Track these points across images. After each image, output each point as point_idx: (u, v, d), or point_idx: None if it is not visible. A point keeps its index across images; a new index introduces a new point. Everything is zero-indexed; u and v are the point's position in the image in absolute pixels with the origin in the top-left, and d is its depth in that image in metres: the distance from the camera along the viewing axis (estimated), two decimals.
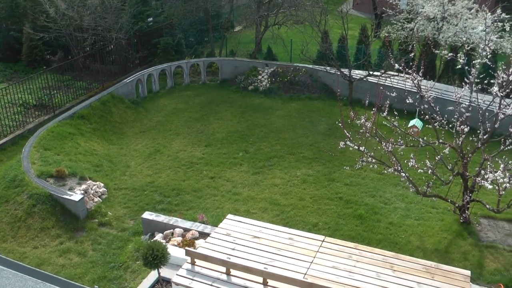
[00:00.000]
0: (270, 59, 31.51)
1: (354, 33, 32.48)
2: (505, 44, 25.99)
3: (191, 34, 34.93)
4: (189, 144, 22.56)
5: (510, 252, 16.06)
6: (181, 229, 15.40)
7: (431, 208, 18.21)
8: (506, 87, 15.88)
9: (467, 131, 16.09)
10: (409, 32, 28.44)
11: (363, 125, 16.14)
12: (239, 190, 18.92)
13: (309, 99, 27.66)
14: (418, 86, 16.74)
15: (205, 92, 28.85)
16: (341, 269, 11.77)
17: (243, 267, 11.28)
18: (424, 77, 17.31)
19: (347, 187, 19.23)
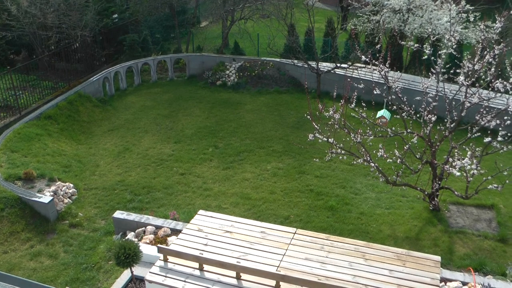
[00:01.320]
0: (237, 54, 31.53)
1: (320, 26, 32.70)
2: (470, 35, 26.39)
3: (157, 31, 34.71)
4: (159, 141, 22.48)
5: (478, 236, 16.39)
6: (153, 227, 15.36)
7: (401, 196, 18.47)
8: (471, 76, 16.15)
9: (434, 120, 16.35)
10: (375, 24, 28.69)
11: (331, 117, 16.28)
12: (210, 185, 18.93)
13: (278, 93, 27.76)
14: (385, 77, 16.93)
15: (173, 88, 28.74)
16: (314, 260, 11.83)
17: (216, 262, 11.28)
18: (391, 68, 17.51)
19: (318, 179, 19.37)
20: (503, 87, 15.71)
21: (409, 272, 11.62)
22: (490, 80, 16.00)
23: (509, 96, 16.11)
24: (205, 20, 40.71)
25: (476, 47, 17.90)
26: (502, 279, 13.81)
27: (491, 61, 16.03)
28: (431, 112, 16.43)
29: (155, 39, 33.93)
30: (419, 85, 20.24)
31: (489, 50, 16.22)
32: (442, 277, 13.27)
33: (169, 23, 35.02)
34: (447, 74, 17.30)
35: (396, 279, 11.35)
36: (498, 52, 15.96)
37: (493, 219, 17.47)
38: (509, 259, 15.21)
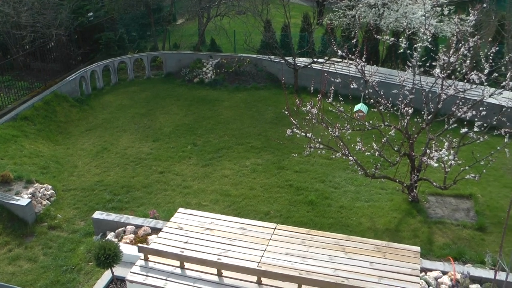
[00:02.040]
0: (214, 51, 31.48)
1: (296, 21, 32.70)
2: (445, 28, 26.64)
3: (133, 29, 34.52)
4: (137, 140, 22.37)
5: (457, 226, 16.61)
6: (133, 226, 15.32)
7: (380, 189, 18.60)
8: (447, 68, 16.34)
9: (411, 113, 16.52)
10: (351, 19, 28.80)
11: (309, 112, 16.34)
12: (189, 183, 18.90)
13: (255, 89, 27.78)
14: (362, 71, 17.03)
15: (150, 86, 28.61)
16: (295, 255, 11.89)
17: (197, 260, 11.29)
18: (367, 62, 17.59)
19: (297, 174, 19.43)
20: (478, 79, 15.90)
21: (390, 263, 11.74)
22: (466, 72, 16.19)
23: (484, 87, 16.30)
24: (181, 17, 40.59)
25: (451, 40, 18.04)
26: (481, 267, 14.01)
27: (466, 54, 16.21)
28: (408, 105, 16.58)
29: (131, 37, 33.76)
30: (395, 79, 20.39)
31: (463, 42, 16.40)
32: (422, 267, 13.43)
33: (145, 21, 34.82)
34: (423, 67, 17.44)
35: (377, 271, 11.46)
36: (473, 44, 16.13)
37: (471, 208, 17.69)
38: (488, 247, 15.42)
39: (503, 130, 16.01)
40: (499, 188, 19.02)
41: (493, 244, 15.58)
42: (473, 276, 13.42)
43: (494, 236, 16.12)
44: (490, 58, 15.94)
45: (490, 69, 15.93)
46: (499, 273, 12.34)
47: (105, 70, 29.05)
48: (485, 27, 27.96)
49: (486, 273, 13.58)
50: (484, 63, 16.04)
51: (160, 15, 35.73)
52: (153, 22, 33.65)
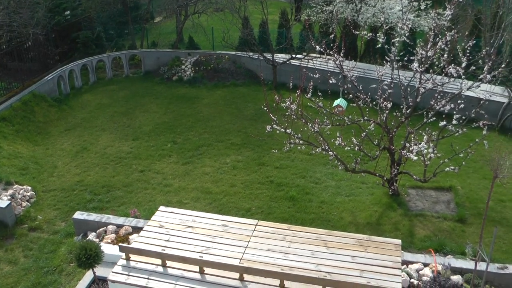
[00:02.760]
0: (192, 49, 31.45)
1: (274, 17, 32.75)
2: (422, 22, 26.88)
3: (110, 27, 34.34)
4: (116, 139, 22.25)
5: (438, 218, 16.78)
6: (114, 226, 15.22)
7: (360, 183, 18.70)
8: (425, 62, 16.45)
9: (390, 107, 16.63)
10: (329, 14, 28.90)
11: (288, 108, 16.36)
12: (170, 181, 18.84)
13: (234, 86, 27.77)
14: (340, 66, 17.08)
15: (129, 85, 28.48)
16: (276, 251, 11.90)
17: (179, 258, 11.25)
18: (346, 57, 17.65)
19: (278, 170, 19.46)
20: (456, 72, 16.02)
21: (371, 257, 11.80)
22: (443, 66, 16.33)
23: (462, 80, 16.44)
24: (159, 15, 40.47)
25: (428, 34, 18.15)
26: (462, 258, 14.15)
27: (443, 48, 16.34)
28: (387, 99, 16.67)
29: (109, 35, 33.55)
30: (374, 73, 20.48)
31: (441, 37, 16.55)
32: (403, 260, 13.52)
33: (123, 19, 34.63)
34: (401, 62, 17.54)
35: (359, 265, 11.51)
36: (450, 38, 16.26)
37: (451, 200, 17.87)
38: (468, 238, 15.59)
39: (482, 122, 16.14)
40: (479, 179, 19.23)
41: (474, 235, 15.76)
42: (454, 267, 13.55)
43: (474, 227, 16.30)
44: (467, 52, 16.07)
45: (467, 63, 16.06)
46: (480, 264, 12.46)
47: (84, 69, 28.84)
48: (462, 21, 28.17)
49: (466, 264, 13.71)
50: (462, 57, 16.18)
51: (137, 13, 35.59)
52: (130, 20, 33.47)
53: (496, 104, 23.47)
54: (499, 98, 23.84)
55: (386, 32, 21.64)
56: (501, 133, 22.44)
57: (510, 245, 15.70)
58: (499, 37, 23.39)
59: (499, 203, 17.84)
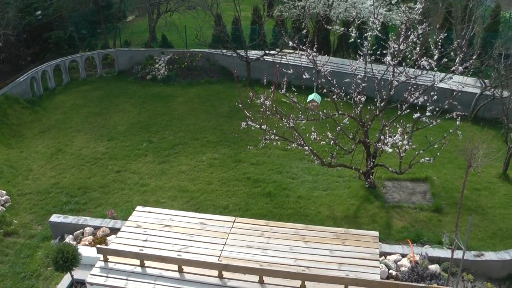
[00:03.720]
0: (165, 47, 31.34)
1: (247, 14, 32.74)
2: (394, 16, 27.12)
3: (83, 27, 34.00)
4: (92, 140, 22.08)
5: (414, 209, 16.95)
6: (91, 228, 15.11)
7: (337, 177, 18.79)
8: (397, 56, 16.60)
9: (364, 101, 16.74)
10: (301, 10, 28.94)
11: (263, 104, 16.38)
12: (147, 181, 18.76)
13: (209, 83, 27.75)
14: (313, 61, 17.14)
15: (103, 85, 28.26)
16: (255, 247, 11.94)
17: (157, 257, 11.23)
18: (319, 52, 17.73)
19: (254, 167, 19.48)
20: (429, 65, 16.22)
21: (349, 249, 11.91)
22: (416, 58, 16.48)
23: (435, 73, 16.61)
24: (131, 14, 40.24)
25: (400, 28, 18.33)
26: (439, 247, 14.34)
27: (415, 41, 16.53)
28: (361, 93, 16.79)
29: (81, 35, 33.22)
30: (347, 68, 20.59)
31: (413, 30, 16.70)
32: (381, 251, 13.63)
33: (95, 18, 34.32)
34: (374, 56, 17.67)
35: (337, 258, 11.61)
36: (422, 31, 16.44)
37: (427, 191, 18.05)
38: (445, 227, 15.78)
39: (455, 113, 16.35)
40: (454, 169, 19.46)
41: (450, 224, 15.95)
42: (431, 256, 13.72)
43: (451, 217, 16.51)
44: (439, 44, 16.26)
45: (439, 55, 16.25)
46: (456, 252, 12.61)
47: (57, 70, 28.51)
48: (433, 14, 28.48)
49: (444, 253, 13.90)
50: (434, 50, 16.36)
51: (109, 12, 35.31)
52: (102, 20, 33.21)
53: (469, 95, 23.72)
54: (471, 89, 24.11)
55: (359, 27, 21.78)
56: (474, 123, 22.70)
57: (485, 233, 15.94)
58: (470, 30, 23.66)
59: (474, 192, 18.08)
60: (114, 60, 30.08)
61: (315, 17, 28.48)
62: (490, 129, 21.96)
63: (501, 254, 13.92)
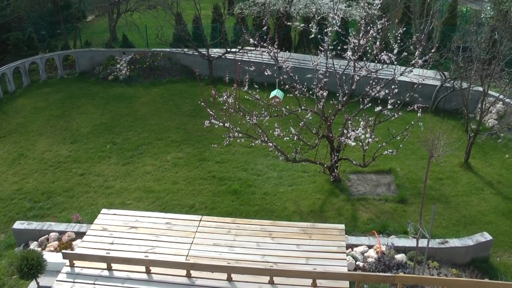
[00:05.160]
0: (126, 47, 31.05)
1: (207, 12, 32.67)
2: (354, 12, 27.34)
3: (42, 27, 33.39)
4: (54, 143, 21.78)
5: (379, 201, 17.25)
6: (56, 233, 14.92)
7: (302, 172, 18.92)
8: (358, 51, 16.79)
9: (326, 95, 16.90)
10: (261, 7, 28.99)
11: (225, 102, 16.39)
12: (111, 183, 18.61)
13: (171, 83, 27.66)
14: (275, 58, 17.24)
15: (64, 87, 27.90)
16: (222, 245, 11.95)
17: (124, 259, 11.16)
18: (280, 49, 17.81)
19: (219, 165, 19.49)
20: (389, 59, 16.48)
21: (316, 243, 12.01)
22: (376, 53, 16.70)
23: (395, 66, 16.85)
24: (91, 14, 39.80)
25: (360, 23, 18.54)
26: (404, 237, 14.61)
27: (375, 36, 16.76)
28: (323, 88, 16.92)
29: (40, 36, 32.63)
30: (309, 63, 20.74)
31: (372, 25, 16.90)
32: (348, 244, 13.80)
33: (54, 19, 33.73)
34: (335, 51, 17.84)
35: (304, 252, 11.69)
36: (381, 26, 16.65)
37: (391, 182, 18.32)
38: (409, 217, 16.06)
39: (416, 105, 16.67)
40: (417, 160, 19.76)
41: (415, 214, 16.23)
42: (397, 246, 13.96)
43: (415, 207, 16.82)
44: (398, 39, 16.48)
45: (399, 49, 16.48)
46: (421, 241, 12.81)
47: (16, 72, 27.98)
48: (392, 9, 28.81)
49: (409, 242, 14.14)
50: (393, 44, 16.57)
51: (69, 12, 34.74)
52: (62, 20, 32.73)
53: (429, 87, 24.11)
54: (432, 82, 24.49)
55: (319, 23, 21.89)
56: (435, 115, 23.07)
57: (449, 221, 16.28)
58: (428, 24, 24.00)
59: (437, 181, 18.43)
60: (75, 61, 29.70)
61: (276, 14, 28.57)
62: (451, 120, 22.34)
63: (465, 240, 14.26)
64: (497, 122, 22.38)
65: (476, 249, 14.14)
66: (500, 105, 22.76)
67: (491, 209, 16.97)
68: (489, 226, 16.03)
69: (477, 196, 17.73)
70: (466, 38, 23.19)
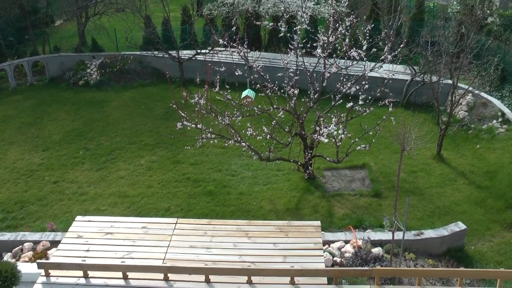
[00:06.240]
0: (96, 51, 30.79)
1: (176, 14, 32.56)
2: (322, 10, 27.46)
3: (9, 33, 32.93)
4: (26, 151, 21.52)
5: (354, 196, 17.38)
6: (30, 243, 14.69)
7: (276, 171, 18.97)
8: (327, 48, 16.88)
9: (298, 93, 16.96)
10: (230, 7, 28.99)
11: (197, 103, 16.37)
12: (86, 189, 18.44)
13: (142, 86, 27.54)
14: (245, 58, 17.24)
15: (34, 94, 27.58)
16: (199, 246, 11.91)
17: (100, 266, 11.06)
18: (250, 48, 17.84)
19: (193, 167, 19.46)
20: (358, 55, 16.62)
21: (293, 241, 12.04)
22: (346, 50, 16.80)
23: (365, 62, 16.98)
24: (59, 18, 39.37)
25: (328, 20, 18.65)
26: (380, 230, 14.72)
27: (344, 32, 16.87)
28: (294, 86, 17.00)
29: (8, 42, 32.16)
30: (279, 62, 20.81)
31: (341, 22, 17.00)
32: (324, 240, 13.85)
33: (22, 24, 33.26)
34: (305, 49, 17.91)
35: (281, 251, 11.71)
36: (349, 23, 16.76)
37: (366, 177, 18.45)
38: (385, 211, 16.20)
39: (387, 100, 16.82)
40: (390, 154, 19.94)
41: (390, 208, 16.34)
42: (373, 240, 14.06)
43: (390, 200, 16.99)
44: (367, 35, 16.60)
45: (368, 45, 16.61)
46: (397, 233, 12.93)
47: None
48: (360, 6, 29.05)
49: (385, 235, 14.26)
50: (362, 40, 16.69)
51: (36, 17, 34.32)
52: (30, 25, 32.31)
53: (400, 82, 24.34)
54: (402, 76, 24.73)
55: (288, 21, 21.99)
56: (406, 109, 23.30)
57: (424, 212, 16.48)
58: (396, 20, 24.22)
59: (411, 174, 18.62)
60: (44, 67, 29.39)
61: (245, 14, 28.60)
62: (422, 113, 22.54)
63: (440, 230, 14.45)
64: (467, 113, 22.68)
65: (451, 239, 14.35)
66: (469, 97, 23.05)
67: (465, 199, 17.22)
68: (463, 215, 16.27)
69: (451, 187, 17.97)
70: (434, 32, 23.44)
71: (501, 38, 25.52)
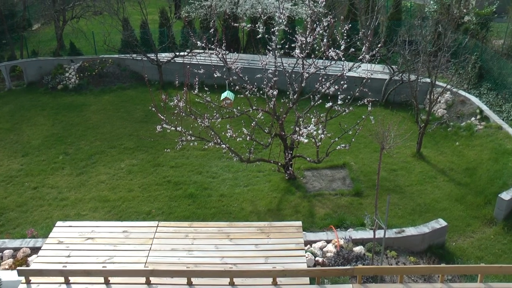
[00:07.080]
0: (74, 54, 30.60)
1: (154, 17, 32.49)
2: (300, 10, 27.56)
3: None
4: (5, 157, 21.31)
5: (335, 195, 17.44)
6: (10, 250, 14.50)
7: (257, 172, 18.99)
8: (306, 48, 16.96)
9: (277, 94, 16.99)
10: (208, 9, 28.99)
11: (176, 106, 16.35)
12: (66, 194, 18.31)
13: (121, 89, 27.42)
14: (223, 59, 17.25)
15: (12, 98, 27.31)
16: (180, 249, 11.95)
17: (82, 272, 11.00)
18: (228, 50, 17.85)
19: (174, 169, 19.41)
20: (336, 55, 16.71)
21: (274, 242, 12.12)
22: (324, 50, 16.87)
23: (343, 62, 17.07)
24: (37, 22, 39.05)
25: (306, 21, 18.74)
26: (362, 229, 14.79)
27: (322, 33, 16.93)
28: (273, 87, 17.03)
29: None
30: (258, 63, 20.84)
31: (318, 23, 17.06)
32: (306, 240, 13.88)
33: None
34: (283, 49, 17.98)
35: (263, 252, 11.78)
36: (327, 23, 16.82)
37: (346, 176, 18.53)
38: (366, 209, 16.32)
39: (366, 99, 16.93)
40: (370, 153, 20.06)
41: (371, 206, 16.48)
42: (355, 239, 14.11)
43: (371, 199, 17.08)
44: (345, 35, 16.68)
45: (346, 45, 16.69)
46: (378, 232, 13.01)
47: None
48: (338, 6, 29.21)
49: (366, 234, 14.33)
50: (340, 40, 16.78)
51: (13, 21, 33.97)
52: (6, 29, 31.98)
53: (378, 81, 24.49)
54: (380, 76, 24.88)
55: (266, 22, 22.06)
56: (385, 108, 23.45)
57: (405, 210, 16.59)
58: (374, 19, 24.38)
59: (391, 172, 18.74)
60: (22, 72, 29.13)
61: (223, 16, 28.62)
62: (401, 112, 22.74)
63: (421, 228, 14.54)
64: (446, 111, 22.90)
65: (432, 236, 14.46)
66: (448, 95, 23.26)
67: (445, 196, 17.38)
68: (444, 212, 16.43)
69: (431, 184, 18.13)
70: (411, 32, 23.64)
71: (478, 37, 25.82)
